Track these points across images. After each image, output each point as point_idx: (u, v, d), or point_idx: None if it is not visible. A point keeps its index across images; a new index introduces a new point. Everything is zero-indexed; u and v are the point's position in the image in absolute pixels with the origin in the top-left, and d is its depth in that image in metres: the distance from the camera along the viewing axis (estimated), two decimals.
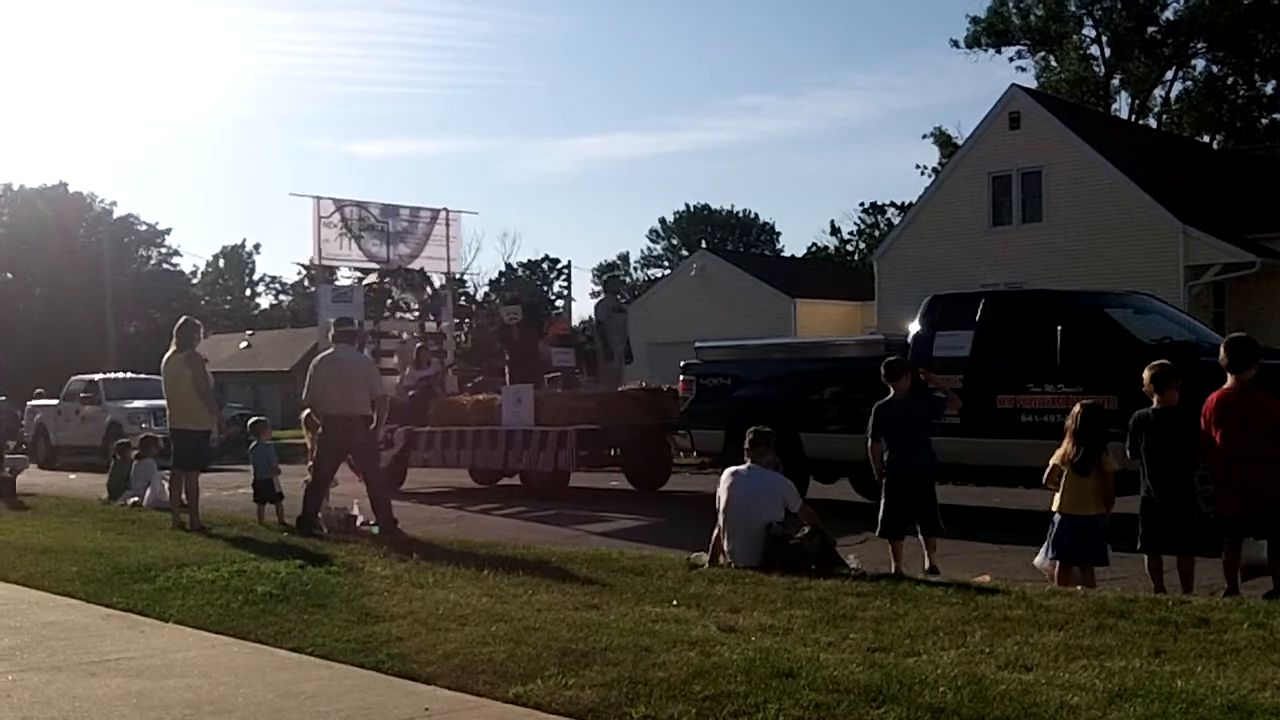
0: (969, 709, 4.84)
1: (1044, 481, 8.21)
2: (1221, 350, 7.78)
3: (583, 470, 17.09)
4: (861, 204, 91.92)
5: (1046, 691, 5.03)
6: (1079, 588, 7.69)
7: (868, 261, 41.93)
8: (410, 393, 18.53)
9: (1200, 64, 54.05)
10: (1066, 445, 7.99)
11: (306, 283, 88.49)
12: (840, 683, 5.25)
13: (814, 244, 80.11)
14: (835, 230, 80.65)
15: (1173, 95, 55.23)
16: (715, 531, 9.11)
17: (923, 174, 58.52)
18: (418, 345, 19.99)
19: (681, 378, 15.20)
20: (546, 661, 5.92)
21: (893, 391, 9.29)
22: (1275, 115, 53.60)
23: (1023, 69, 55.88)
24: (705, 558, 9.10)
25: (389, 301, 26.34)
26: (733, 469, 9.20)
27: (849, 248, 77.19)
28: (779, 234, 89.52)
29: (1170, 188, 30.46)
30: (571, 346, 18.86)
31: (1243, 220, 30.49)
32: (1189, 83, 54.72)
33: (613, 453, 17.12)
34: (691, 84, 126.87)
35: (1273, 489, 7.45)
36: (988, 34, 54.99)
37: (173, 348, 12.49)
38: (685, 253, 74.25)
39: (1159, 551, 7.92)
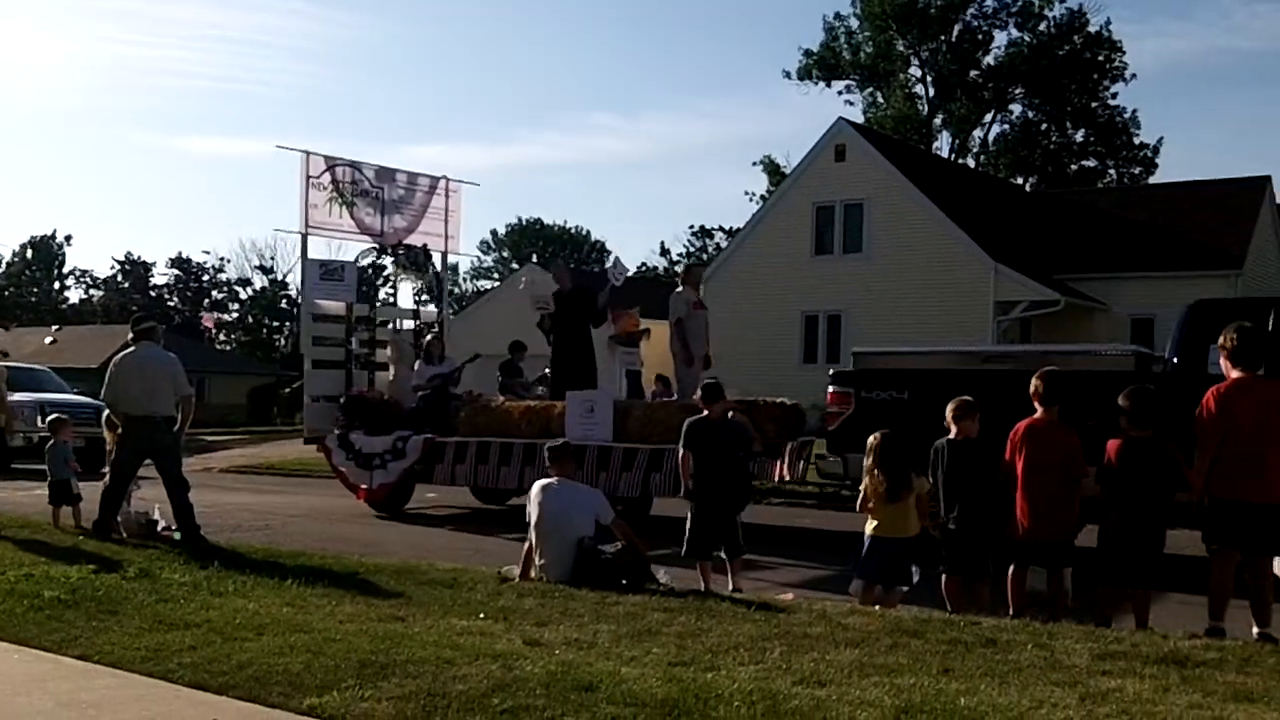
0: None
1: (858, 509, 8.39)
2: (1035, 382, 8.06)
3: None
4: (691, 227, 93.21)
5: (837, 707, 5.16)
6: (877, 607, 7.90)
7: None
8: (420, 394, 16.06)
9: (1017, 109, 56.67)
10: (872, 475, 8.17)
11: (120, 277, 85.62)
12: (638, 697, 5.29)
13: (643, 264, 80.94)
14: (665, 251, 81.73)
15: (990, 137, 57.68)
16: (526, 545, 9.09)
17: (751, 200, 59.76)
18: (428, 337, 17.18)
19: (832, 389, 12.51)
20: (345, 673, 5.83)
21: (706, 413, 9.41)
22: (1084, 162, 56.44)
23: (851, 103, 57.62)
24: (516, 571, 9.06)
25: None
26: (543, 482, 9.19)
27: (677, 269, 78.11)
28: (609, 252, 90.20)
29: (984, 226, 31.76)
30: (635, 347, 15.77)
31: (1050, 260, 32.00)
32: (1006, 126, 57.25)
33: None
34: (532, 99, 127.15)
35: (1059, 523, 7.80)
36: (819, 67, 56.51)
37: None
38: (515, 266, 74.17)
39: (956, 575, 8.19)
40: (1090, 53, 54.02)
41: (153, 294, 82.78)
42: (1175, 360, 11.08)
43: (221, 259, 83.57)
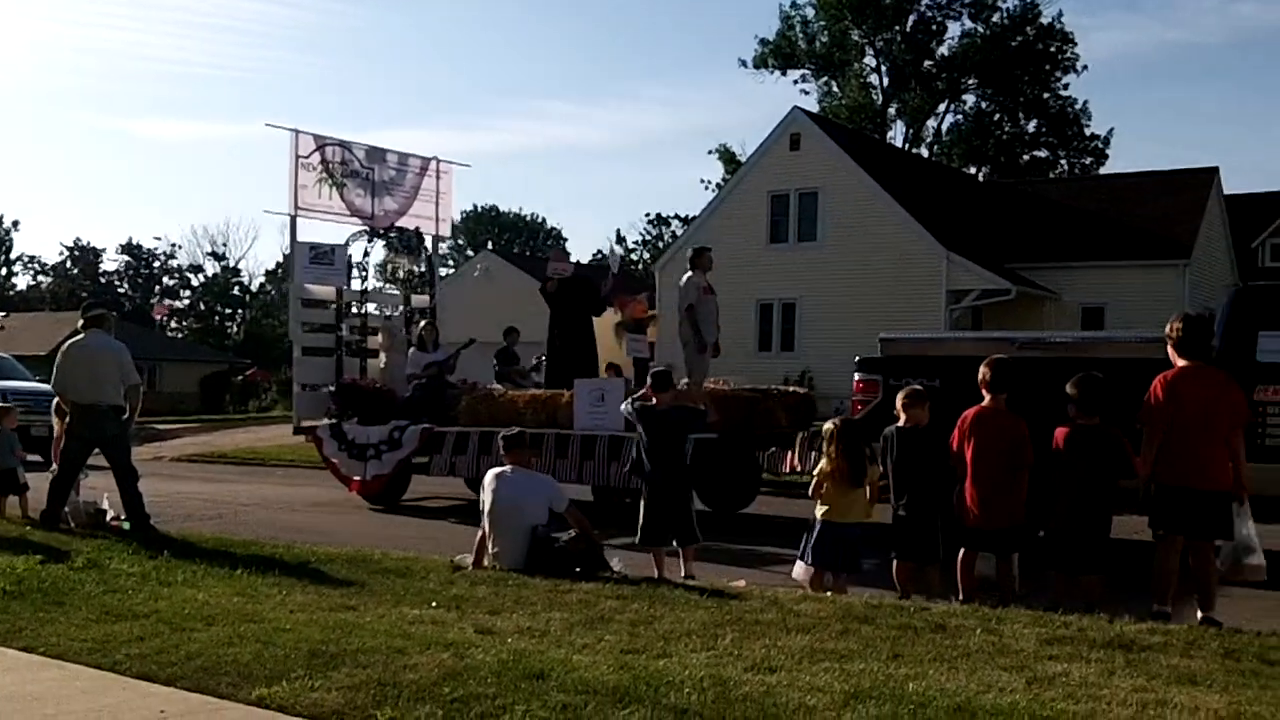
0: (711, 710, 4.95)
1: (810, 494, 8.42)
2: (983, 369, 8.11)
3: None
4: (647, 214, 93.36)
5: (787, 693, 5.19)
6: (829, 593, 7.95)
7: (651, 271, 42.47)
8: (415, 382, 15.57)
9: (971, 99, 57.02)
10: (831, 460, 8.20)
11: (69, 263, 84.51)
12: (590, 684, 5.29)
13: (599, 251, 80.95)
14: (621, 239, 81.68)
15: (944, 127, 58.02)
16: (479, 534, 9.07)
17: (707, 189, 59.84)
18: (422, 324, 16.61)
19: (858, 376, 11.86)
20: (294, 663, 5.79)
21: (655, 401, 9.41)
22: (1036, 152, 56.91)
23: (806, 92, 57.80)
24: (469, 559, 9.04)
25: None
26: (497, 470, 9.17)
27: (634, 257, 78.24)
28: (565, 239, 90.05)
29: (937, 215, 31.98)
30: (643, 333, 15.02)
31: (1002, 250, 32.27)
32: (959, 116, 57.64)
33: None
34: (488, 84, 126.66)
35: (1007, 509, 7.87)
36: (774, 56, 56.62)
37: None
38: (471, 253, 73.92)
39: (907, 560, 8.25)
40: (1042, 44, 54.50)
41: (102, 280, 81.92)
42: (1220, 348, 10.47)
43: (173, 245, 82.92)
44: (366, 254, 17.24)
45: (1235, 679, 5.58)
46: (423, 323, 16.71)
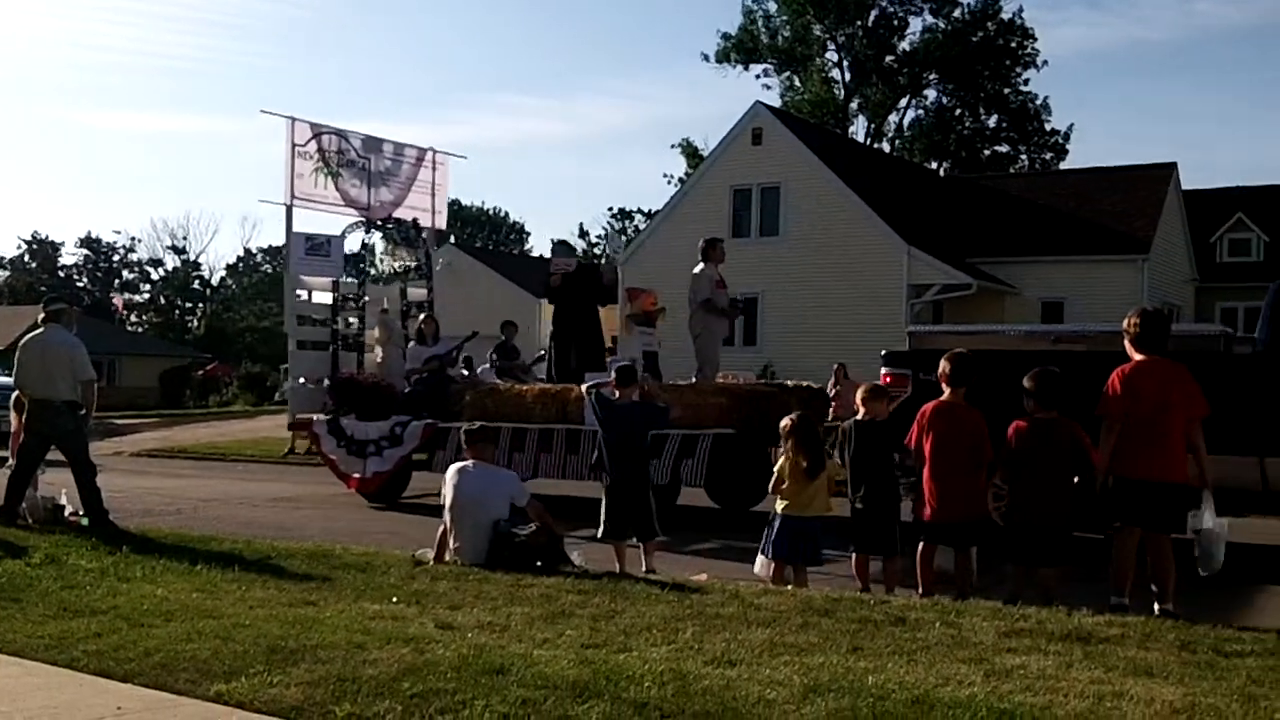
0: (671, 703, 4.96)
1: (770, 490, 8.45)
2: (943, 363, 8.16)
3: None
4: (611, 208, 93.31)
5: (747, 686, 5.21)
6: (789, 587, 7.99)
7: (613, 265, 42.44)
8: (416, 377, 15.25)
9: (932, 95, 57.29)
10: (791, 455, 8.24)
11: (27, 257, 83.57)
12: (550, 679, 5.29)
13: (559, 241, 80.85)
14: (584, 233, 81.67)
15: (905, 122, 58.25)
16: (441, 528, 9.05)
17: (670, 183, 59.81)
18: (421, 317, 16.18)
19: (886, 371, 11.37)
20: (253, 659, 5.76)
21: (618, 395, 9.41)
22: (997, 147, 57.25)
23: (769, 87, 57.86)
24: (431, 554, 9.02)
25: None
26: (459, 465, 9.16)
27: (596, 251, 78.26)
28: (528, 234, 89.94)
29: (898, 210, 32.11)
30: (652, 326, 14.74)
31: (962, 244, 32.46)
32: (921, 111, 57.86)
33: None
34: (450, 79, 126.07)
35: (968, 502, 7.92)
36: (737, 50, 56.63)
37: None
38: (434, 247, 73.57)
39: (866, 553, 8.31)
40: (1003, 40, 54.81)
41: (61, 274, 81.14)
42: (1266, 340, 10.44)
43: (133, 239, 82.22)
44: (364, 246, 17.09)
45: (1191, 671, 5.64)
46: (421, 316, 16.34)
